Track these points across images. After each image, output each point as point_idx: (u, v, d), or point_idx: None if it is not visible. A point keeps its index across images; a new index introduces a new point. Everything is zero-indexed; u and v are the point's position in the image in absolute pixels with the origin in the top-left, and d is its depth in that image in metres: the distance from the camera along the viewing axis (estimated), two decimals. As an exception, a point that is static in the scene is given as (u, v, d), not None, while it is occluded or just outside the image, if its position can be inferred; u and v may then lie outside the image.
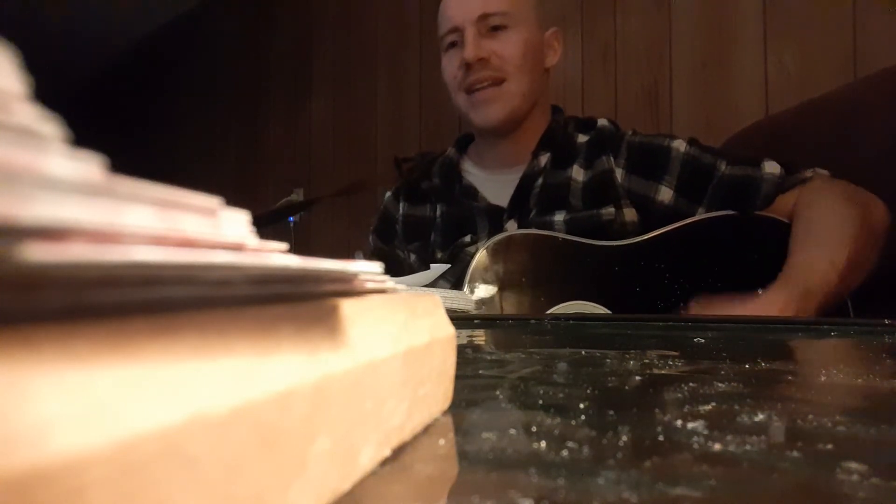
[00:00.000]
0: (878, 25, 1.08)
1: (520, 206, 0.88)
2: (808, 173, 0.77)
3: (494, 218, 0.89)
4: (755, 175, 0.78)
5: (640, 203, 0.83)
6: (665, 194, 0.82)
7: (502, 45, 0.86)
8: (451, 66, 0.89)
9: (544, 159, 0.89)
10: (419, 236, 0.96)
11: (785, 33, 1.20)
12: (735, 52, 1.26)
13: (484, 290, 0.73)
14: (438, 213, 0.95)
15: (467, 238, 0.89)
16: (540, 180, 0.88)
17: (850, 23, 1.11)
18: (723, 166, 0.80)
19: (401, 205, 1.00)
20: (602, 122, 0.91)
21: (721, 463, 0.14)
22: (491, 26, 0.86)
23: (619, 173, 0.85)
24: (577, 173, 0.86)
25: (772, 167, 0.77)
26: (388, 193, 1.03)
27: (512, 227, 0.86)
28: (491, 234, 0.85)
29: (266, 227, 1.58)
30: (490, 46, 0.85)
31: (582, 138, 0.89)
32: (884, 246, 0.71)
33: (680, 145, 0.83)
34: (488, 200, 0.91)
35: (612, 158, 0.85)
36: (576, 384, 0.25)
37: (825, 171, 0.78)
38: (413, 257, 0.95)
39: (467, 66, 0.85)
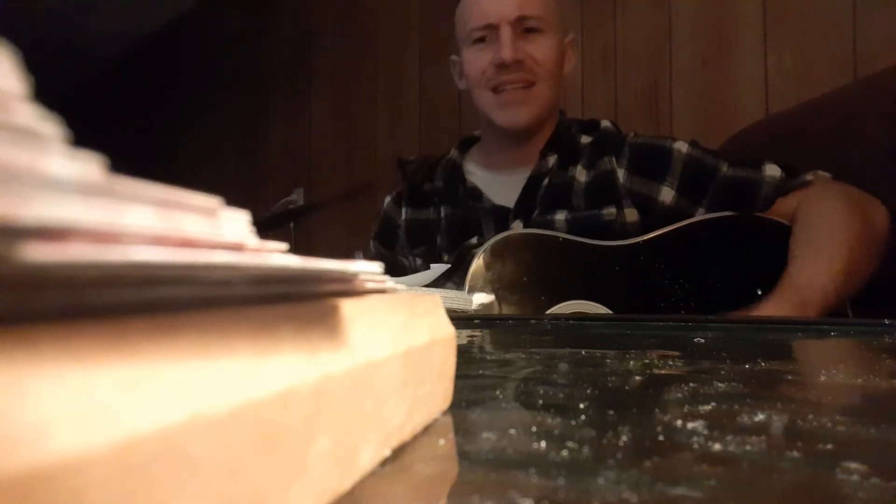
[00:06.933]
0: (878, 25, 1.08)
1: (526, 206, 0.88)
2: (809, 176, 0.77)
3: (500, 219, 0.89)
4: (755, 177, 0.78)
5: (642, 203, 0.83)
6: (666, 195, 0.82)
7: (536, 48, 0.86)
8: (479, 61, 0.88)
9: (552, 160, 0.89)
10: (424, 240, 0.95)
11: (785, 33, 1.20)
12: (735, 52, 1.26)
13: (483, 297, 0.73)
14: (443, 215, 0.95)
15: (474, 240, 0.89)
16: (546, 180, 0.88)
17: (850, 23, 1.11)
18: (724, 168, 0.80)
19: (403, 210, 0.99)
20: (605, 123, 0.91)
21: (721, 463, 0.14)
22: (525, 28, 0.86)
23: (620, 174, 0.85)
24: (580, 174, 0.87)
25: (772, 170, 0.78)
26: (388, 199, 1.02)
27: (518, 228, 0.86)
28: None
29: (267, 231, 1.57)
30: (524, 48, 0.85)
31: (585, 139, 0.90)
32: (885, 249, 0.71)
33: (682, 146, 0.83)
34: (493, 201, 0.91)
35: (613, 159, 0.86)
36: (576, 384, 0.25)
37: (826, 174, 0.78)
38: (419, 262, 0.94)
39: (501, 66, 0.85)
